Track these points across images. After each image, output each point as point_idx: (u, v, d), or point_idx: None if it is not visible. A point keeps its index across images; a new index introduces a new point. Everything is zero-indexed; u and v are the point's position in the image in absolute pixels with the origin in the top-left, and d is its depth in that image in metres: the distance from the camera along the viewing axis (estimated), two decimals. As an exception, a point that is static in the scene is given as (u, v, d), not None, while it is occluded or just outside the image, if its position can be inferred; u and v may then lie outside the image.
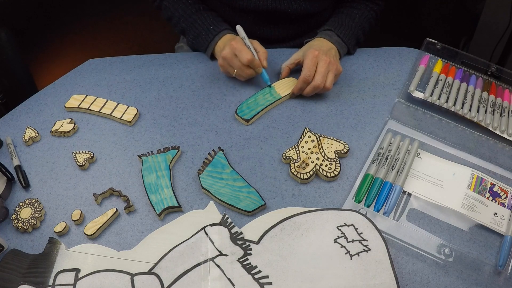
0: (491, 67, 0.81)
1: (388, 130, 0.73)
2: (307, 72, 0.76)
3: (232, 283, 0.55)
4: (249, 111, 0.77)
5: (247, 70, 0.79)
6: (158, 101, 0.81)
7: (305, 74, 0.76)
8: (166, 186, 0.66)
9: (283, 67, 0.83)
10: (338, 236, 0.58)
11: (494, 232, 0.61)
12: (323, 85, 0.76)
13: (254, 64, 0.78)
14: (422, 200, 0.65)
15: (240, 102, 0.79)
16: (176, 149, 0.71)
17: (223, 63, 0.80)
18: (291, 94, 0.80)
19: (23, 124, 0.79)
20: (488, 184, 0.66)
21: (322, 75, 0.75)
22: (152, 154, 0.71)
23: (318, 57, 0.76)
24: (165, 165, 0.69)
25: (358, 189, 0.65)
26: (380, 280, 0.54)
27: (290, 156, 0.69)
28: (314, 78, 0.76)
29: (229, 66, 0.80)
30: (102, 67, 0.89)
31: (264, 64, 0.79)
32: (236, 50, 0.77)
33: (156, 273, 0.57)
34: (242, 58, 0.76)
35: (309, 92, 0.77)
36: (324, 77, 0.76)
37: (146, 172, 0.68)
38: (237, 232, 0.60)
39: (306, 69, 0.76)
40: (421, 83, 0.80)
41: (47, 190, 0.68)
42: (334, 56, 0.79)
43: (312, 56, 0.76)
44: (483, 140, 0.73)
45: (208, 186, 0.66)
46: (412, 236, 0.60)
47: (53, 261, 0.58)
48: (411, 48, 0.89)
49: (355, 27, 0.86)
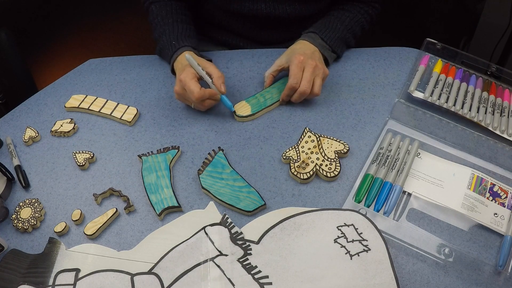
0: (491, 67, 0.81)
1: (388, 130, 0.73)
2: (293, 79, 0.74)
3: (232, 283, 0.55)
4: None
5: (204, 102, 0.74)
6: (158, 101, 0.81)
7: (291, 81, 0.74)
8: (166, 186, 0.66)
9: (267, 75, 0.80)
10: (338, 236, 0.58)
11: (494, 232, 0.61)
12: (310, 91, 0.74)
13: (207, 96, 0.73)
14: (422, 200, 0.65)
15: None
16: (176, 149, 0.71)
17: (179, 98, 0.77)
18: (280, 101, 0.78)
19: (23, 124, 0.79)
20: (488, 184, 0.66)
21: (308, 81, 0.74)
22: (152, 154, 0.71)
23: (304, 62, 0.74)
24: (165, 165, 0.69)
25: (358, 189, 0.65)
26: (380, 280, 0.54)
27: (290, 156, 0.69)
28: (300, 84, 0.74)
29: (185, 99, 0.76)
30: (102, 67, 0.90)
31: (221, 89, 0.74)
32: (185, 85, 0.72)
33: (156, 273, 0.57)
34: (191, 96, 0.72)
35: (296, 99, 0.76)
36: (310, 82, 0.74)
37: (146, 172, 0.68)
38: (237, 232, 0.60)
39: (293, 76, 0.74)
40: (421, 83, 0.80)
41: (47, 190, 0.68)
42: (319, 59, 0.78)
43: (297, 61, 0.74)
44: (483, 140, 0.73)
45: (208, 186, 0.66)
46: (412, 236, 0.60)
47: (53, 261, 0.58)
48: (411, 48, 0.89)
49: (343, 30, 0.84)
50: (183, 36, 0.83)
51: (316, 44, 0.80)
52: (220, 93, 0.74)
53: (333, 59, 0.85)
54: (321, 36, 0.82)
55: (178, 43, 0.81)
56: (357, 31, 0.87)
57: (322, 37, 0.82)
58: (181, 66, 0.78)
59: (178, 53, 0.80)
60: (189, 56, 0.73)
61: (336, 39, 0.83)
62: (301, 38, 0.83)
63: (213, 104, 0.76)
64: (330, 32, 0.83)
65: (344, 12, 0.87)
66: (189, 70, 0.73)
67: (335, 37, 0.83)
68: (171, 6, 0.86)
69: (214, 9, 0.91)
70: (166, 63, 0.89)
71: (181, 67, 0.77)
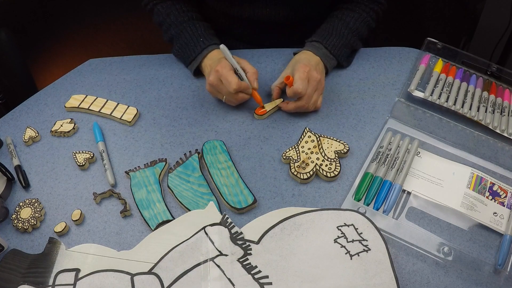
0: (491, 67, 0.81)
1: (388, 129, 0.73)
2: (299, 84, 0.71)
3: (232, 283, 0.55)
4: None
5: (237, 95, 0.73)
6: (158, 101, 0.81)
7: (298, 85, 0.71)
8: (158, 200, 0.65)
9: (273, 88, 0.79)
10: (338, 236, 0.58)
11: (493, 231, 0.61)
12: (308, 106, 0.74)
13: (242, 89, 0.73)
14: (421, 199, 0.65)
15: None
16: (163, 162, 0.70)
17: (211, 90, 0.76)
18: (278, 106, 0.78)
19: (23, 124, 0.79)
20: (488, 183, 0.66)
21: (309, 96, 0.73)
22: (139, 169, 0.69)
23: (309, 72, 0.72)
24: (154, 179, 0.68)
25: (357, 188, 0.65)
26: (380, 280, 0.54)
27: (290, 156, 0.69)
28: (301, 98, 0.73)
29: (218, 92, 0.76)
30: (102, 67, 0.90)
31: (254, 85, 0.74)
32: (221, 76, 0.72)
33: (156, 273, 0.57)
34: (228, 86, 0.71)
35: (291, 109, 0.75)
36: (310, 98, 0.73)
37: (135, 188, 0.67)
38: (237, 232, 0.60)
39: (299, 81, 0.71)
40: (421, 83, 0.80)
41: (47, 190, 0.69)
42: (322, 72, 0.77)
43: (302, 70, 0.72)
44: (483, 139, 0.73)
45: (173, 186, 0.66)
46: (412, 235, 0.60)
47: (53, 261, 0.58)
48: (411, 48, 0.89)
49: (348, 35, 0.81)
50: (208, 34, 0.83)
51: (319, 54, 0.79)
52: (252, 88, 0.75)
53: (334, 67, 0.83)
54: (324, 45, 0.80)
55: (207, 40, 0.81)
56: (363, 32, 0.84)
57: (326, 46, 0.80)
58: (212, 62, 0.77)
59: (209, 49, 0.80)
60: (223, 47, 0.72)
61: (340, 47, 0.81)
62: (305, 48, 0.81)
63: (245, 98, 0.76)
64: (335, 39, 0.80)
65: (349, 13, 0.83)
66: (226, 62, 0.73)
67: (340, 44, 0.81)
68: (180, 5, 0.85)
69: (214, 13, 0.90)
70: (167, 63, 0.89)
71: (213, 62, 0.77)
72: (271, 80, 0.81)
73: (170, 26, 0.84)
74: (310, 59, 0.78)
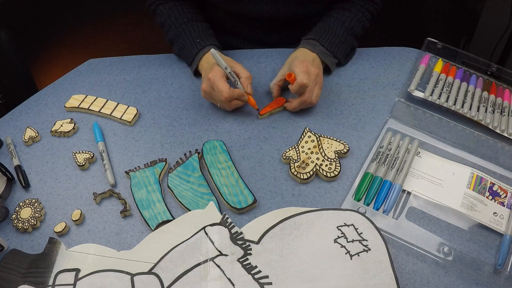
0: (491, 67, 0.81)
1: (388, 129, 0.73)
2: (302, 76, 0.70)
3: (232, 283, 0.55)
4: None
5: (230, 102, 0.73)
6: (158, 101, 0.81)
7: (302, 77, 0.70)
8: (158, 200, 0.65)
9: (272, 86, 0.79)
10: (338, 236, 0.58)
11: (493, 231, 0.61)
12: (312, 100, 0.73)
13: (235, 96, 0.72)
14: (421, 199, 0.65)
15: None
16: (163, 162, 0.70)
17: (205, 96, 0.76)
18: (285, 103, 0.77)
19: (23, 124, 0.79)
20: (488, 183, 0.66)
21: (310, 90, 0.73)
22: (139, 169, 0.69)
23: (307, 67, 0.72)
24: (154, 179, 0.68)
25: (357, 188, 0.65)
26: (380, 280, 0.54)
27: (290, 156, 0.69)
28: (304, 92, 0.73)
29: (211, 98, 0.75)
30: (102, 67, 0.90)
31: (248, 90, 0.74)
32: (213, 84, 0.71)
33: (156, 273, 0.57)
34: (220, 95, 0.71)
35: (296, 106, 0.75)
36: (312, 91, 0.73)
37: (135, 188, 0.67)
38: (237, 232, 0.60)
39: (301, 73, 0.71)
40: (421, 83, 0.80)
41: (47, 190, 0.69)
42: (319, 67, 0.77)
43: (301, 65, 0.72)
44: (483, 139, 0.73)
45: (173, 186, 0.66)
46: (412, 234, 0.60)
47: (53, 261, 0.58)
48: (411, 48, 0.89)
49: (343, 33, 0.82)
50: (206, 35, 0.83)
51: (316, 51, 0.79)
52: (246, 94, 0.74)
53: (335, 65, 0.83)
54: (321, 42, 0.80)
55: (203, 41, 0.81)
56: (358, 31, 0.85)
57: (322, 43, 0.80)
58: (207, 65, 0.77)
59: (205, 51, 0.80)
60: (214, 51, 0.71)
61: (336, 44, 0.81)
62: (301, 46, 0.81)
63: (240, 104, 0.75)
64: (330, 37, 0.81)
65: (344, 12, 0.85)
66: (218, 68, 0.73)
67: (336, 41, 0.81)
68: (182, 6, 0.86)
69: (215, 10, 0.90)
70: (167, 63, 0.89)
71: (208, 66, 0.77)
72: (271, 80, 0.81)
73: (171, 27, 0.85)
74: (306, 55, 0.78)
